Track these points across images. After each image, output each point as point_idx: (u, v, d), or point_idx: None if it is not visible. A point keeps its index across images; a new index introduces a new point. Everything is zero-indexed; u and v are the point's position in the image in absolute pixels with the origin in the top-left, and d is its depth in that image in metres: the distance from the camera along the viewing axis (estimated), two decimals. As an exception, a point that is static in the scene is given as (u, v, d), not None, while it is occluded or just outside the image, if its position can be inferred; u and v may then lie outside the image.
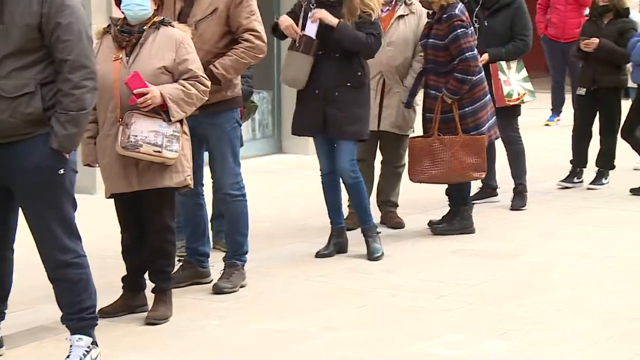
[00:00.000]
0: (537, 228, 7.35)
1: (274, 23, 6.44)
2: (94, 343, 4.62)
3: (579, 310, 5.48)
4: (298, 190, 8.51)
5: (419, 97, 7.21)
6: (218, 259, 6.05)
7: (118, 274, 5.45)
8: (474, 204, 7.38)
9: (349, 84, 6.33)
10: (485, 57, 7.54)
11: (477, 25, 7.57)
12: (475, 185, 7.81)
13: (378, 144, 7.37)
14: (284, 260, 6.48)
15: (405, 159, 7.34)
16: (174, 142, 5.14)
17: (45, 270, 4.55)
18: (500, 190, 8.15)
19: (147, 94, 5.08)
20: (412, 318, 5.35)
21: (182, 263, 5.97)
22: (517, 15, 7.73)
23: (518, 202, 7.94)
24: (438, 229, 7.16)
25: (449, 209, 7.26)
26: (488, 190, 8.12)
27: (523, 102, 7.86)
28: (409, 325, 5.25)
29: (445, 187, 7.30)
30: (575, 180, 8.68)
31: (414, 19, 7.23)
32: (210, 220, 6.30)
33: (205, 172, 5.98)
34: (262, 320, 5.32)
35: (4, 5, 4.32)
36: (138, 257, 5.35)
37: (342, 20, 6.27)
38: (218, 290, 5.76)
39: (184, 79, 5.20)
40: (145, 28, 5.20)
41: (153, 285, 5.38)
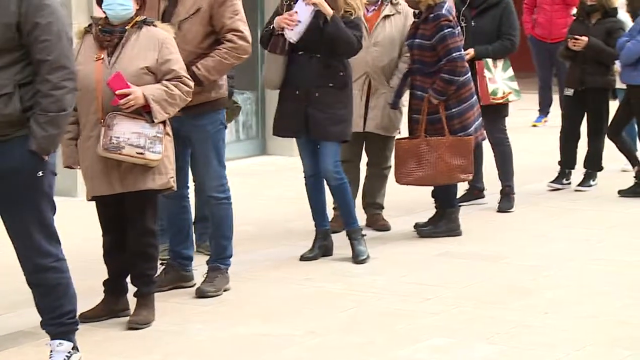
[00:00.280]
0: (524, 230, 7.37)
1: (265, 33, 6.37)
2: (75, 348, 4.61)
3: (566, 314, 5.49)
4: (283, 193, 8.51)
5: (405, 98, 7.22)
6: (201, 263, 6.04)
7: (99, 278, 5.43)
8: (461, 206, 7.39)
9: (331, 85, 6.33)
10: (471, 51, 7.55)
11: (463, 25, 7.58)
12: (462, 187, 7.82)
13: (364, 146, 7.37)
14: (268, 264, 6.47)
15: (391, 161, 7.35)
16: (157, 143, 5.13)
17: (24, 275, 4.53)
18: (487, 192, 8.17)
19: (129, 95, 5.07)
20: (397, 322, 5.35)
21: (164, 266, 5.96)
22: (504, 15, 7.75)
23: (505, 204, 7.96)
24: (424, 232, 7.17)
25: (435, 211, 7.27)
26: (475, 192, 8.13)
27: (508, 101, 7.87)
28: (395, 329, 5.25)
29: (431, 189, 7.31)
30: (564, 182, 8.70)
31: (400, 19, 7.24)
32: (194, 223, 6.29)
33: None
34: (246, 325, 5.31)
35: (-18, 6, 4.30)
36: (120, 260, 5.34)
37: (335, 12, 6.27)
38: (201, 294, 5.75)
39: (167, 80, 5.19)
40: (128, 28, 5.20)
41: (135, 289, 5.37)
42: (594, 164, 8.67)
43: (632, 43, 8.27)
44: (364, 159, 7.45)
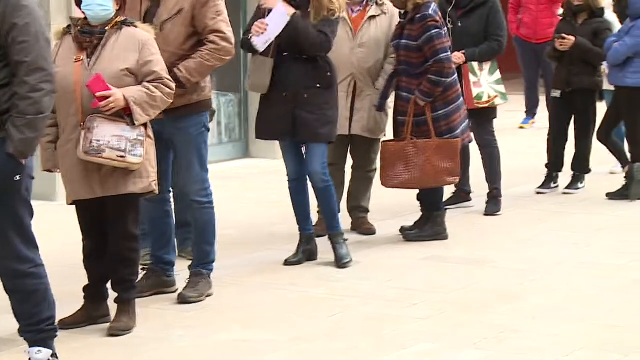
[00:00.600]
0: (511, 234, 7.38)
1: (244, 38, 6.37)
2: (54, 355, 4.60)
3: (554, 318, 5.50)
4: (266, 196, 8.50)
5: (391, 99, 7.22)
6: (183, 268, 6.03)
7: (79, 284, 5.41)
8: (447, 210, 7.40)
9: (319, 85, 6.33)
10: (461, 55, 7.54)
11: (450, 26, 7.58)
12: (449, 190, 7.82)
13: (349, 148, 7.37)
14: (252, 269, 6.46)
15: (377, 164, 7.35)
16: (138, 146, 5.12)
17: (1, 281, 4.51)
18: (474, 195, 8.18)
19: (109, 97, 5.04)
20: (383, 327, 5.35)
21: (146, 272, 5.94)
22: (491, 15, 7.75)
23: (492, 207, 7.96)
24: (410, 235, 7.17)
25: (421, 215, 7.27)
26: (461, 195, 8.14)
27: (494, 105, 7.88)
28: (380, 335, 5.24)
29: (417, 192, 7.31)
30: (552, 185, 8.72)
31: (386, 20, 7.24)
32: (175, 228, 6.27)
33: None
34: (229, 331, 5.30)
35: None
36: (100, 265, 5.32)
37: (298, 13, 6.26)
38: (183, 300, 5.73)
39: (148, 81, 5.18)
40: (107, 29, 5.18)
41: (116, 295, 5.34)
42: (582, 167, 8.70)
43: (619, 44, 8.30)
44: (349, 162, 7.45)
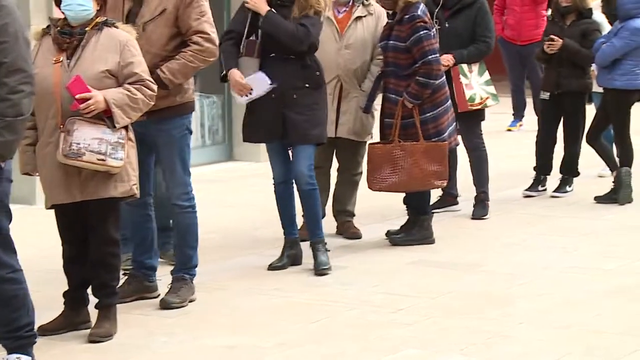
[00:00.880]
0: (499, 238, 7.38)
1: (223, 74, 6.37)
2: (33, 362, 4.57)
3: (542, 324, 5.50)
4: (250, 200, 8.48)
5: (377, 102, 7.21)
6: (165, 273, 6.01)
7: (59, 289, 5.38)
8: (434, 213, 7.40)
9: (308, 85, 6.32)
10: (450, 57, 7.54)
11: (437, 27, 7.57)
12: (435, 194, 7.82)
13: (334, 151, 7.36)
14: (235, 273, 6.44)
15: (363, 167, 7.34)
16: (119, 149, 5.10)
17: (-20, 287, 4.49)
18: (461, 199, 8.17)
19: (89, 99, 5.02)
20: (369, 333, 5.34)
21: (127, 277, 5.93)
22: (479, 16, 7.75)
23: (480, 211, 7.97)
24: (396, 239, 7.16)
25: (408, 219, 7.26)
26: (448, 199, 8.14)
27: (486, 106, 7.89)
28: (366, 341, 5.24)
29: (403, 195, 7.30)
30: (540, 188, 8.73)
31: (372, 21, 7.23)
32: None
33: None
34: (212, 337, 5.28)
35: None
36: (80, 271, 5.29)
37: (271, 10, 6.26)
38: (166, 305, 5.72)
39: (129, 83, 5.16)
40: (87, 29, 5.15)
41: (96, 301, 5.32)
42: (570, 170, 8.71)
43: (607, 45, 8.32)
44: (335, 165, 7.44)
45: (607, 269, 6.57)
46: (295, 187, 6.51)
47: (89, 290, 5.36)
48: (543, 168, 8.72)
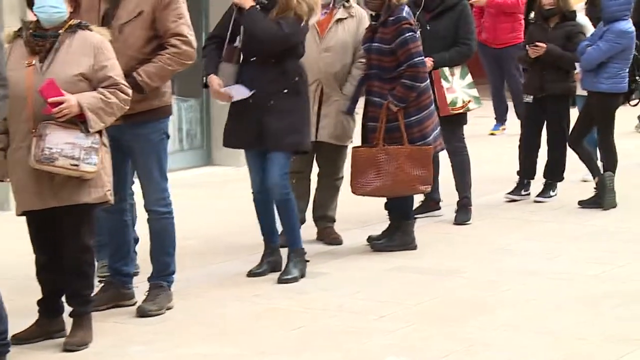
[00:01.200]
0: (482, 244, 7.38)
1: (204, 82, 6.37)
2: (6, 372, 4.54)
3: (525, 331, 5.50)
4: (229, 205, 8.46)
5: (359, 105, 7.20)
6: (143, 280, 5.98)
7: (33, 297, 5.35)
8: (416, 219, 7.38)
9: (286, 91, 6.29)
10: (430, 63, 7.54)
11: (419, 30, 7.56)
12: (417, 199, 7.82)
13: (315, 156, 7.34)
14: (214, 280, 6.42)
15: (344, 172, 7.33)
16: (93, 154, 5.07)
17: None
18: (444, 204, 8.17)
19: (62, 103, 5.00)
20: (350, 340, 5.33)
21: (103, 284, 5.90)
22: (461, 19, 7.75)
23: (462, 216, 7.96)
24: (377, 245, 7.15)
25: (390, 224, 7.25)
26: (430, 204, 8.13)
27: (468, 109, 7.88)
28: (348, 348, 5.22)
29: (384, 200, 7.29)
30: (523, 193, 8.73)
31: (353, 23, 7.21)
32: None
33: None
34: (190, 345, 5.26)
35: None
36: (54, 279, 5.26)
37: (255, 7, 6.24)
38: (143, 313, 5.69)
39: (103, 87, 5.14)
40: (61, 32, 5.13)
41: (71, 309, 5.29)
42: (554, 174, 8.72)
43: (593, 48, 8.33)
44: (315, 170, 7.42)
45: (590, 275, 6.58)
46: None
47: (64, 299, 5.33)
48: (526, 172, 8.73)
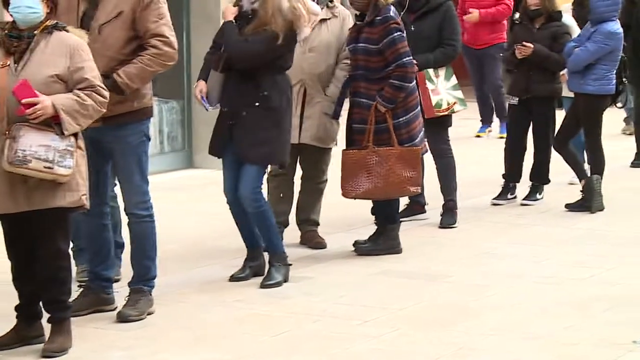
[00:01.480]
0: (468, 247, 7.36)
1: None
2: (-18, 380, 4.49)
3: (513, 335, 5.49)
4: (210, 209, 8.39)
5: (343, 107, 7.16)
6: (123, 284, 5.94)
7: (11, 302, 5.31)
8: (401, 222, 7.35)
9: (257, 104, 6.26)
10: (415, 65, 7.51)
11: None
12: (402, 202, 7.79)
13: (298, 158, 7.30)
14: (196, 285, 6.38)
15: (327, 175, 7.29)
16: (68, 157, 5.02)
17: None
18: (429, 207, 8.15)
19: (37, 104, 4.96)
20: (335, 346, 5.30)
21: (83, 289, 5.87)
22: (446, 19, 7.74)
23: (448, 219, 7.94)
24: (362, 249, 7.11)
25: (377, 229, 7.20)
26: (416, 207, 8.10)
27: (453, 111, 7.87)
28: (332, 354, 5.20)
29: (370, 204, 7.25)
30: (509, 197, 8.70)
31: (337, 23, 7.18)
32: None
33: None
34: (171, 351, 5.23)
35: None
36: (30, 283, 5.21)
37: (231, 21, 6.25)
38: (123, 318, 5.66)
39: (79, 89, 5.10)
40: (36, 33, 5.09)
41: (49, 315, 5.24)
42: (541, 177, 8.70)
43: (580, 50, 8.31)
44: (299, 173, 7.38)
45: (578, 279, 6.56)
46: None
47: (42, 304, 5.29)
48: (512, 175, 8.70)
